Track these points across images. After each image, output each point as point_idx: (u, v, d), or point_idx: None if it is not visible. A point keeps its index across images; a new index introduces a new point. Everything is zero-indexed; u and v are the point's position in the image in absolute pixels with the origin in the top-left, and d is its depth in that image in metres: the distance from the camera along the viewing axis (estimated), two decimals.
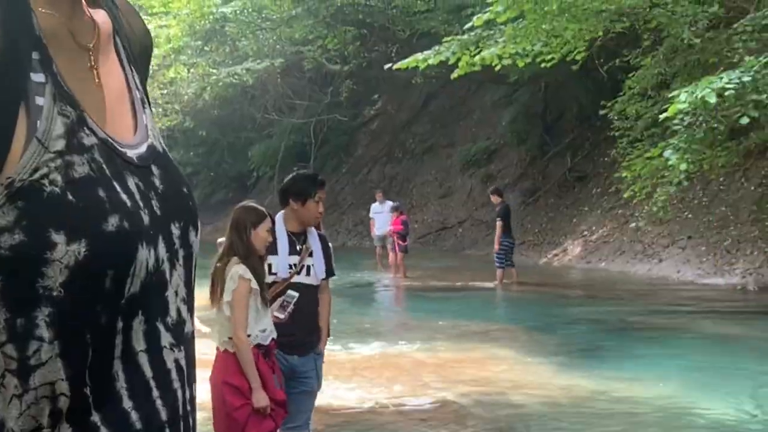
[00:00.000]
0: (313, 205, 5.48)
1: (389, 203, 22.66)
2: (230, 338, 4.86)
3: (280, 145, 39.70)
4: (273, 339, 5.00)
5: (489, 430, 7.60)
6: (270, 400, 4.90)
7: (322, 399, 8.42)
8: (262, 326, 4.92)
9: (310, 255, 5.43)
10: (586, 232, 23.17)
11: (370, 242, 29.20)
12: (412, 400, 8.63)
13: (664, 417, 7.78)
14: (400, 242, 20.65)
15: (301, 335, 5.45)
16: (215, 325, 5.02)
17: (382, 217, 22.23)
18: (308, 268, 5.46)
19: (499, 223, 18.89)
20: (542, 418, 7.99)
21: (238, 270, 4.86)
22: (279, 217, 5.46)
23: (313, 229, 5.58)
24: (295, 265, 5.38)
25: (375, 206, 23.14)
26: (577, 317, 14.06)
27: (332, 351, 10.28)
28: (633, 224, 21.00)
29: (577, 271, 21.15)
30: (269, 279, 5.26)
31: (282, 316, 5.19)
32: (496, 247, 18.86)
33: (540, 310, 15.05)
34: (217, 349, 4.95)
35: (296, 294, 5.27)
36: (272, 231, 5.12)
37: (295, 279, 5.40)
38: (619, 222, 22.14)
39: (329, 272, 5.64)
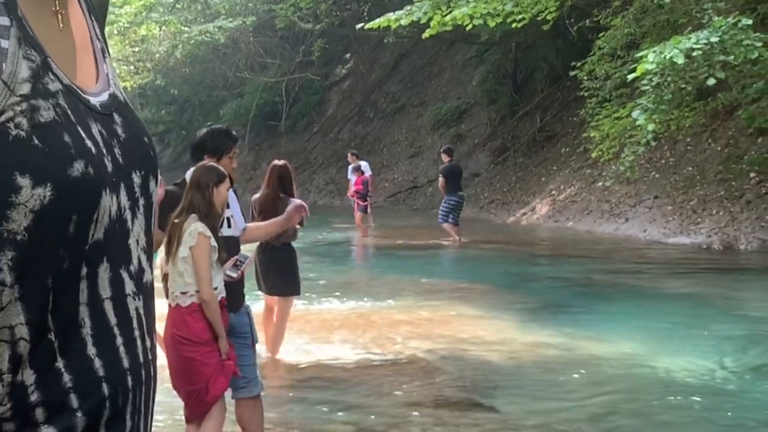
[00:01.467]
0: (227, 161, 5.51)
1: (363, 163, 22.69)
2: (183, 293, 4.85)
3: (251, 103, 39.49)
4: (222, 297, 4.99)
5: (455, 385, 7.61)
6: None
7: (291, 355, 8.45)
8: (214, 284, 4.91)
9: (228, 207, 5.43)
10: (554, 192, 23.22)
11: (341, 201, 29.20)
12: (380, 356, 8.64)
13: (629, 374, 7.79)
14: (360, 202, 20.77)
15: (233, 290, 5.41)
16: (168, 281, 4.97)
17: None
18: (228, 220, 5.49)
19: (440, 180, 19.29)
20: (507, 373, 8.00)
21: (197, 227, 4.86)
22: (190, 174, 5.42)
23: None
24: None
25: (351, 167, 23.10)
26: (544, 275, 14.11)
27: (300, 308, 10.28)
28: (600, 184, 21.06)
29: (545, 230, 21.22)
30: None
31: (235, 275, 5.18)
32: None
33: (507, 268, 15.08)
34: (169, 305, 4.91)
35: (249, 255, 5.28)
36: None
37: (224, 233, 5.39)
38: (587, 182, 22.20)
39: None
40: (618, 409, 6.81)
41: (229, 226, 5.50)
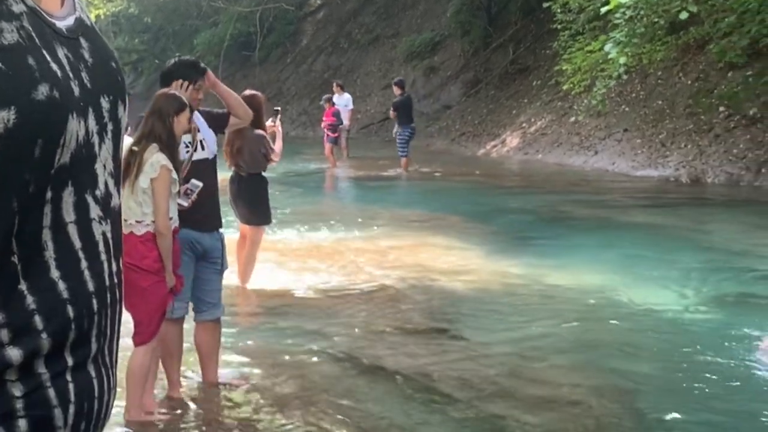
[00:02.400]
0: (194, 92, 5.48)
1: (347, 96, 22.55)
2: (138, 222, 4.86)
3: (225, 33, 38.93)
4: (175, 226, 5.04)
5: (423, 313, 7.66)
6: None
7: (261, 283, 8.48)
8: (170, 214, 4.94)
9: (198, 131, 5.44)
10: (524, 124, 23.21)
11: (314, 132, 29.08)
12: (349, 285, 8.67)
13: (596, 305, 7.85)
14: (330, 134, 20.69)
15: (209, 211, 5.50)
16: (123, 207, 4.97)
17: (341, 110, 22.06)
18: (201, 143, 5.51)
19: (392, 113, 19.79)
20: (474, 302, 8.04)
21: (159, 159, 4.85)
22: None
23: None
24: (189, 143, 5.38)
25: (335, 99, 22.90)
26: (512, 207, 14.15)
27: (271, 237, 10.29)
28: (572, 117, 21.09)
29: (515, 162, 21.25)
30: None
31: (186, 204, 5.19)
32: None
33: (476, 199, 15.11)
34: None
35: (200, 183, 5.27)
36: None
37: (196, 157, 5.41)
38: (558, 114, 22.19)
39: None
40: (583, 337, 6.90)
41: (203, 149, 5.51)
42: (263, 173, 8.34)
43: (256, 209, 8.34)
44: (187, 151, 5.39)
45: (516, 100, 25.13)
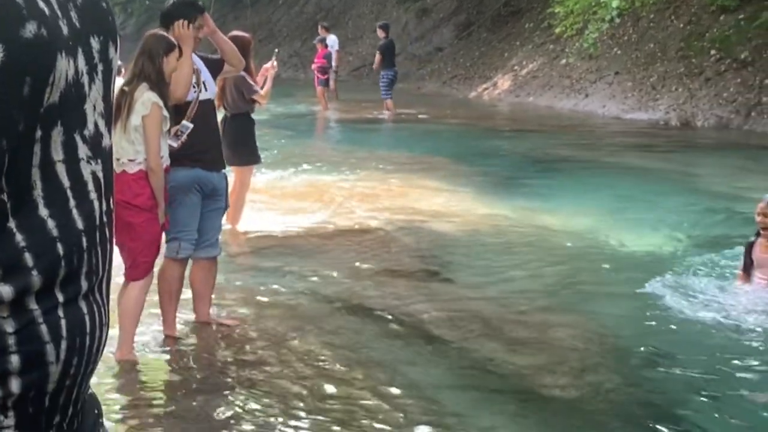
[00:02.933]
0: (194, 30, 5.49)
1: (333, 37, 22.37)
2: (131, 160, 4.91)
3: None
4: (167, 165, 5.09)
5: (412, 256, 7.67)
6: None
7: (250, 224, 8.49)
8: (161, 152, 4.97)
9: (200, 72, 5.49)
10: (516, 67, 23.11)
11: (305, 74, 28.89)
12: (339, 227, 8.68)
13: (585, 247, 7.86)
14: (320, 76, 20.58)
15: (216, 150, 5.61)
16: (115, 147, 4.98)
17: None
18: (204, 84, 5.56)
19: (378, 57, 20.02)
20: (463, 245, 8.07)
21: (150, 96, 4.89)
22: None
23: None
24: (196, 84, 5.41)
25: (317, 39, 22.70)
26: (503, 149, 14.14)
27: (259, 179, 10.28)
28: (563, 60, 21.00)
29: (506, 105, 21.21)
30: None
31: (175, 145, 5.22)
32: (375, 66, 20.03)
33: (466, 142, 15.09)
34: (114, 171, 4.92)
35: (191, 125, 5.30)
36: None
37: (202, 96, 5.44)
38: (549, 57, 22.08)
39: None
40: (571, 280, 6.91)
41: (206, 89, 5.55)
42: (251, 114, 8.31)
43: (237, 150, 8.32)
44: (195, 92, 5.40)
45: (508, 43, 24.98)
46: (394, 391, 4.77)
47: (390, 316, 6.01)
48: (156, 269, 5.25)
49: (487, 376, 5.08)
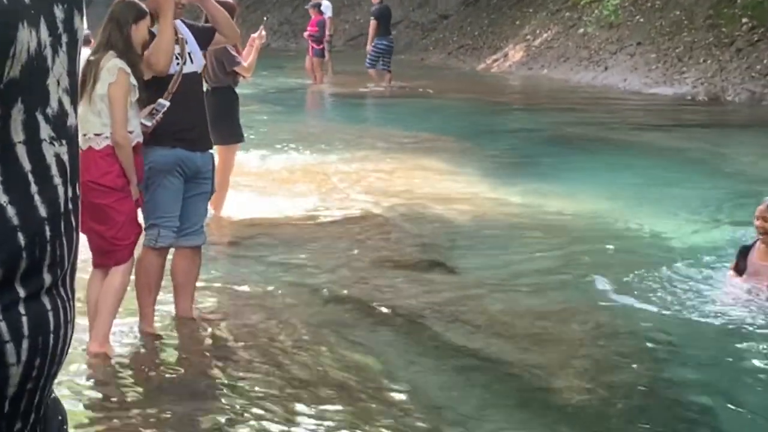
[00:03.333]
0: None
1: (326, 2, 22.23)
2: (97, 135, 4.91)
3: None
4: (139, 141, 5.05)
5: (413, 245, 7.65)
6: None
7: (236, 210, 8.46)
8: (131, 127, 4.97)
9: (186, 42, 5.44)
10: (529, 36, 23.05)
11: (297, 44, 28.82)
12: (333, 212, 8.68)
13: (602, 235, 7.83)
14: (315, 45, 20.42)
15: (201, 128, 5.54)
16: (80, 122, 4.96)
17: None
18: (189, 55, 5.51)
19: (372, 23, 19.74)
20: (469, 232, 8.07)
21: (117, 63, 4.89)
22: None
23: (177, 21, 5.53)
24: (179, 55, 5.37)
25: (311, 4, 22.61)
26: (514, 127, 14.12)
27: (248, 160, 10.28)
28: (581, 29, 20.95)
29: (517, 78, 21.17)
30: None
31: (149, 124, 5.17)
32: (369, 47, 19.71)
33: (473, 119, 15.08)
34: (80, 148, 4.90)
35: (166, 103, 5.26)
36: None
37: (186, 69, 5.40)
38: (565, 26, 22.03)
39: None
40: (586, 271, 6.86)
41: (192, 62, 5.51)
42: (234, 88, 8.29)
43: (219, 127, 8.27)
44: (177, 64, 5.38)
45: (520, 10, 24.90)
46: (394, 394, 4.77)
47: (388, 311, 6.00)
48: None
49: (494, 377, 5.08)
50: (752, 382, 5.05)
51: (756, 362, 5.23)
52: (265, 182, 9.95)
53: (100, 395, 4.76)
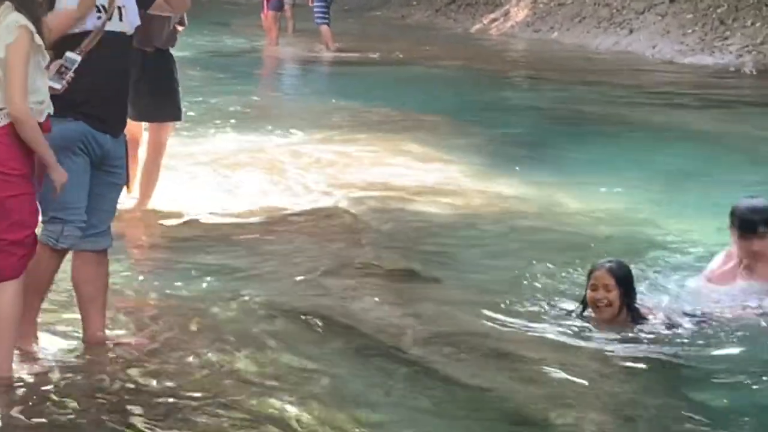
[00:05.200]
0: None
1: None
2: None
3: None
4: (49, 114, 4.98)
5: (388, 248, 7.71)
6: None
7: (168, 204, 8.42)
8: (39, 97, 4.88)
9: None
10: None
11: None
12: (291, 209, 8.70)
13: (615, 238, 7.90)
14: None
15: (116, 107, 5.46)
16: None
17: None
18: (119, 10, 5.41)
19: None
20: (457, 233, 8.13)
21: (17, 18, 4.77)
22: None
23: None
24: (104, 7, 5.31)
25: None
26: (515, 104, 14.15)
27: (183, 142, 10.24)
28: None
29: (521, 43, 21.24)
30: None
31: (59, 86, 5.10)
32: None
33: (464, 93, 15.12)
34: None
35: (77, 58, 5.19)
36: None
37: (109, 27, 5.34)
38: None
39: None
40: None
41: (120, 19, 5.41)
42: (170, 50, 8.27)
43: (161, 99, 8.25)
44: (99, 18, 5.32)
45: None
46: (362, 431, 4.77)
47: (357, 331, 6.01)
48: None
49: (483, 413, 5.10)
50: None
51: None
52: (205, 168, 9.95)
53: None
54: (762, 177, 9.75)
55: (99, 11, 5.29)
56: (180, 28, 8.31)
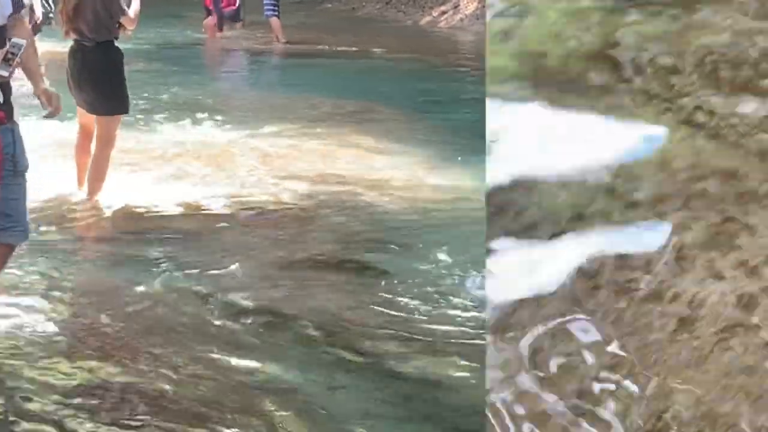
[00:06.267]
0: None
1: None
2: None
3: None
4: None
5: (338, 242, 7.66)
6: None
7: (116, 198, 8.38)
8: None
9: None
10: None
11: None
12: (238, 201, 8.68)
13: None
14: None
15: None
16: None
17: None
18: None
19: None
20: (410, 227, 8.06)
21: None
22: None
23: None
24: None
25: None
26: (468, 97, 14.13)
27: (131, 134, 10.19)
28: None
29: (471, 36, 21.26)
30: None
31: (6, 73, 5.02)
32: None
33: (418, 86, 15.17)
34: None
35: (23, 42, 5.08)
36: None
37: None
38: None
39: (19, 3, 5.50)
40: None
41: None
42: (115, 42, 8.21)
43: (109, 92, 8.23)
44: None
45: None
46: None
47: (307, 327, 5.93)
48: None
49: (430, 406, 5.01)
50: None
51: None
52: (154, 162, 9.93)
53: None
54: None
55: None
56: (129, 28, 8.29)
